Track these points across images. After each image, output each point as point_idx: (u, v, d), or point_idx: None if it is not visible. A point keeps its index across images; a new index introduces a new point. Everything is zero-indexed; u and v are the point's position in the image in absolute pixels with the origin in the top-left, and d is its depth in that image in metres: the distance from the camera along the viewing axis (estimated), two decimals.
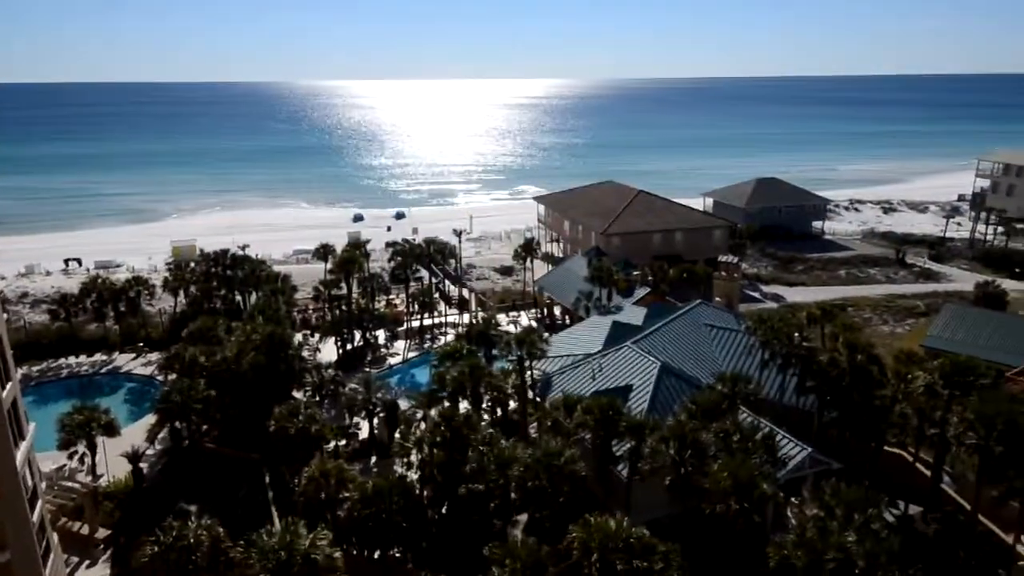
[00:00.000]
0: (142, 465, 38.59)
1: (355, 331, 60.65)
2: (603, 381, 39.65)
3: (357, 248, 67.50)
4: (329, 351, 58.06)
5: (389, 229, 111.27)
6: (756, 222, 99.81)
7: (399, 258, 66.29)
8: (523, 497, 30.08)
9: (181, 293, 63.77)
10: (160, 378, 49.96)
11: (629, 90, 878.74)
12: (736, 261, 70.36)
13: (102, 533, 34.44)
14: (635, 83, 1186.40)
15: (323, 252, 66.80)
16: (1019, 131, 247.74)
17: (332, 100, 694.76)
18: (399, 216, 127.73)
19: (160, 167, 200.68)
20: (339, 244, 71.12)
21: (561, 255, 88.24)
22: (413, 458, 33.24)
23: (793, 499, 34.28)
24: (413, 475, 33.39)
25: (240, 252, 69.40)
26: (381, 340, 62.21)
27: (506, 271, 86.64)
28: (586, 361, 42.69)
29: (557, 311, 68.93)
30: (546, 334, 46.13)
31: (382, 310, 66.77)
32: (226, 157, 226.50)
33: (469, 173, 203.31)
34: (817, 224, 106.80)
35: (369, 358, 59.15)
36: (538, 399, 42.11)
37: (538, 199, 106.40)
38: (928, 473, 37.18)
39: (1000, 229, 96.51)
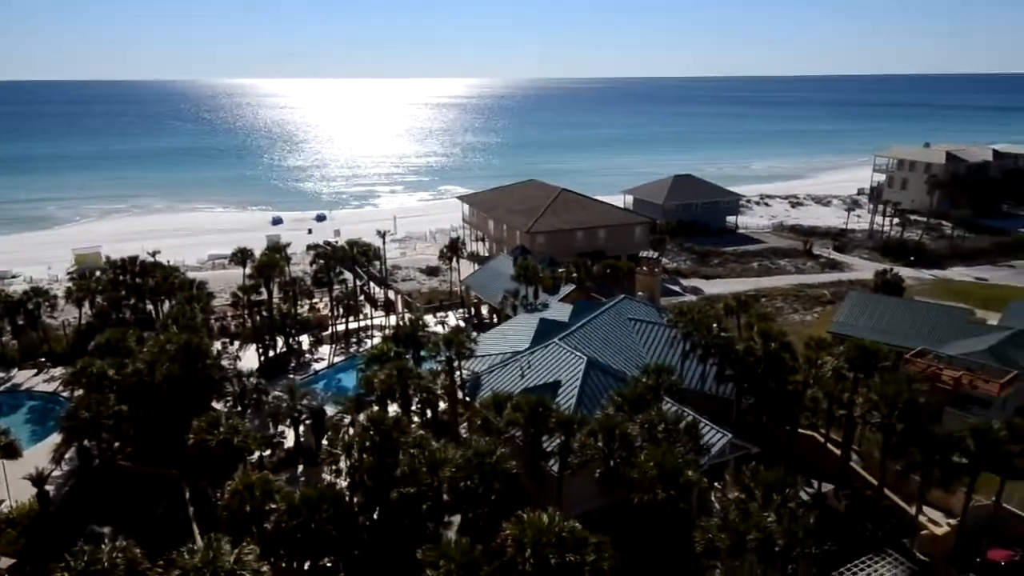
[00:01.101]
0: (48, 488, 36.29)
1: (277, 337, 58.91)
2: (532, 378, 40.03)
3: (277, 252, 65.60)
4: (250, 359, 56.17)
5: (310, 232, 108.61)
6: (674, 218, 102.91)
7: (321, 261, 64.83)
8: (455, 498, 29.99)
9: (86, 304, 60.21)
10: (65, 394, 47.07)
11: (549, 89, 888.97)
12: (656, 256, 72.33)
13: (5, 562, 32.26)
14: (555, 83, 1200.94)
15: (241, 256, 64.48)
16: (912, 129, 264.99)
17: (246, 99, 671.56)
18: (320, 218, 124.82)
19: (55, 170, 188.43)
20: (257, 248, 68.86)
21: (487, 254, 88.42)
22: (342, 464, 32.63)
23: (716, 484, 35.64)
24: (342, 482, 32.76)
25: (150, 259, 66.23)
26: (305, 345, 60.70)
27: (432, 271, 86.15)
28: (514, 359, 42.96)
29: (484, 310, 69.05)
30: (474, 333, 46.21)
31: (305, 315, 65.15)
32: (130, 159, 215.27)
33: (392, 174, 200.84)
34: (731, 219, 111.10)
35: (293, 364, 57.67)
36: (468, 399, 42.10)
37: (462, 199, 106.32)
38: (838, 452, 39.37)
39: (896, 220, 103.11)
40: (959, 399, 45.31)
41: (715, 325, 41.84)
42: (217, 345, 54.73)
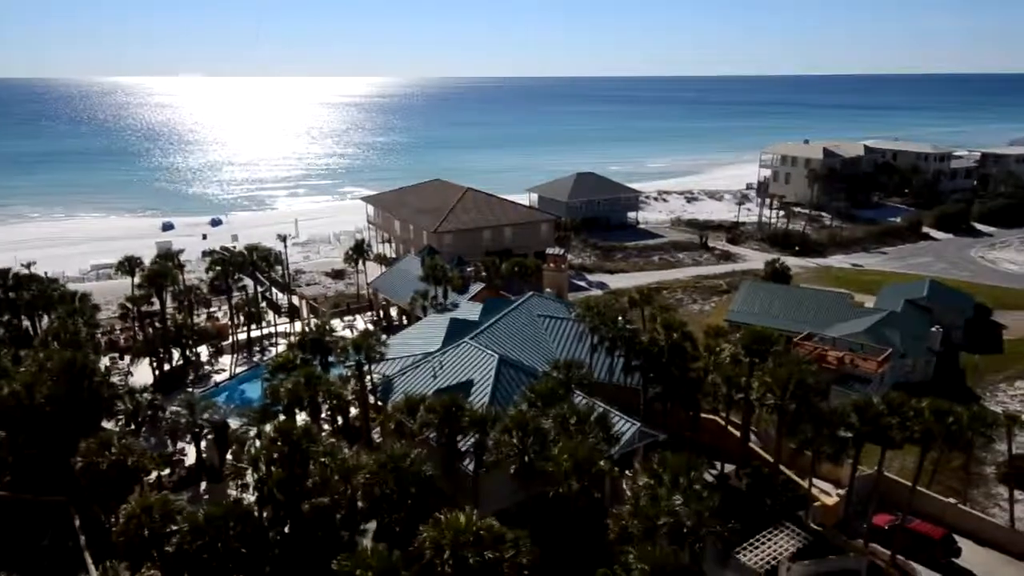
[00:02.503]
0: None
1: (173, 349, 55.87)
2: (444, 378, 39.89)
3: (169, 259, 62.08)
4: (144, 374, 53.00)
5: (205, 237, 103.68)
6: (578, 215, 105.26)
7: (218, 268, 61.90)
8: (371, 504, 29.50)
9: None
10: None
11: (451, 88, 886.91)
12: (563, 253, 73.86)
13: None
14: (457, 81, 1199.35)
15: (128, 265, 60.31)
16: (795, 126, 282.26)
17: (129, 98, 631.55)
18: (215, 223, 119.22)
19: None
20: (147, 256, 64.88)
21: (394, 255, 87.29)
22: (249, 479, 31.34)
23: (627, 472, 36.72)
24: (250, 497, 31.46)
25: (25, 270, 61.12)
26: (204, 357, 57.84)
27: (338, 275, 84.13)
28: (426, 360, 42.67)
29: (394, 312, 68.16)
30: (384, 336, 45.50)
31: (203, 324, 62.10)
32: None
33: (291, 176, 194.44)
34: (631, 215, 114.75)
35: (191, 377, 54.97)
36: (380, 403, 41.45)
37: (366, 200, 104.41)
38: (738, 433, 41.51)
39: (781, 213, 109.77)
40: (843, 378, 48.80)
41: (620, 318, 43.18)
42: (105, 361, 51.46)
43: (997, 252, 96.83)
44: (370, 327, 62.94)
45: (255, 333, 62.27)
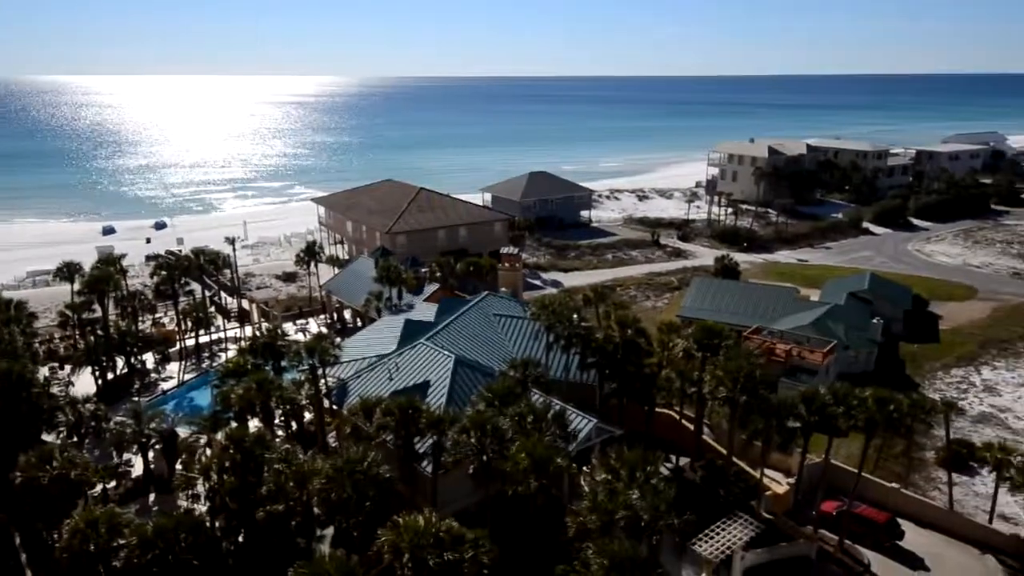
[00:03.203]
0: None
1: (117, 358, 54.01)
2: (400, 380, 39.59)
3: (111, 264, 59.85)
4: (86, 383, 51.04)
5: (149, 241, 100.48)
6: (531, 214, 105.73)
7: (163, 272, 60.06)
8: (327, 510, 29.08)
9: None
10: None
11: (402, 88, 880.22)
12: (517, 252, 74.07)
13: None
14: (406, 81, 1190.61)
15: (67, 271, 58.00)
16: (741, 125, 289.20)
17: (62, 97, 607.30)
18: (160, 226, 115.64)
19: None
20: (87, 261, 62.51)
21: (347, 257, 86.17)
22: (200, 488, 30.61)
23: (585, 468, 37.08)
24: (201, 507, 30.73)
25: None
26: (150, 364, 56.11)
27: (289, 277, 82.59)
28: (382, 362, 42.26)
29: (348, 314, 67.31)
30: (338, 339, 44.89)
31: (148, 331, 60.22)
32: None
33: (238, 177, 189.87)
34: (584, 213, 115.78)
35: (137, 386, 53.34)
36: (335, 407, 40.89)
37: (317, 201, 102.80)
38: (691, 427, 42.33)
39: (729, 210, 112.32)
40: (790, 370, 50.30)
41: (575, 316, 43.52)
42: (44, 371, 49.46)
43: (932, 245, 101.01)
44: (323, 330, 62.04)
45: (204, 339, 60.70)
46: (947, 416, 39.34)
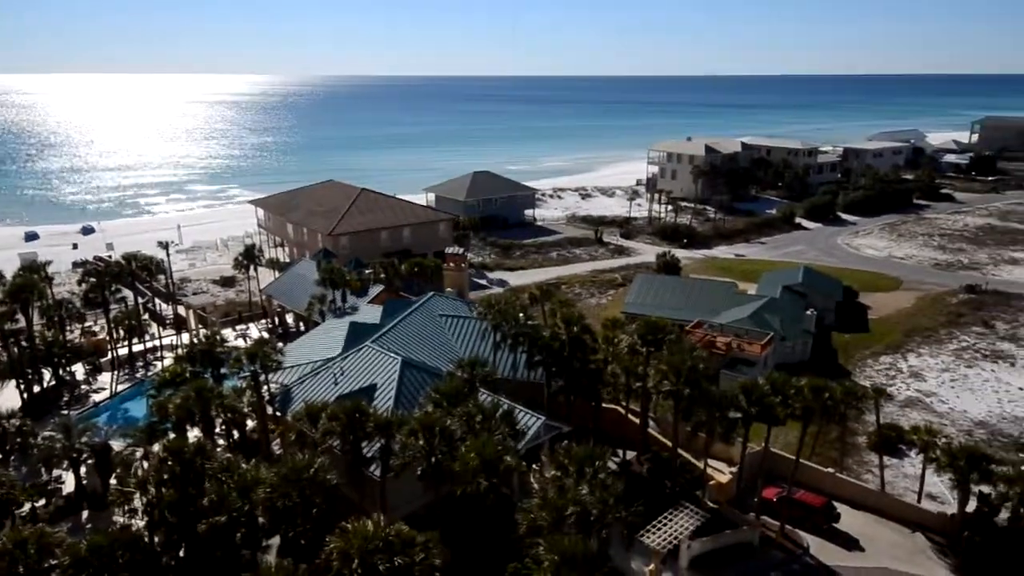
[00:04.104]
0: None
1: (43, 369, 51.49)
2: (346, 384, 38.99)
3: (35, 272, 57.04)
4: (10, 397, 48.48)
5: (76, 247, 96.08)
6: (476, 213, 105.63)
7: (92, 279, 57.61)
8: (273, 519, 28.40)
9: None
10: None
11: (341, 87, 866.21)
12: (462, 251, 73.88)
13: None
14: (344, 80, 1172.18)
15: None
16: (679, 124, 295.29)
17: None
18: (87, 231, 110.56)
19: None
20: (8, 269, 59.37)
21: (288, 260, 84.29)
22: (137, 503, 29.43)
23: (534, 466, 37.33)
24: (139, 522, 29.57)
25: None
26: (80, 375, 53.70)
27: (227, 282, 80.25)
28: (326, 367, 41.52)
29: (290, 318, 65.88)
30: (280, 344, 43.98)
31: (77, 341, 57.61)
32: None
33: (172, 179, 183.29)
34: (529, 212, 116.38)
35: (66, 398, 50.98)
36: (279, 413, 39.96)
37: (255, 203, 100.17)
38: (637, 421, 43.08)
39: (669, 207, 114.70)
40: (731, 362, 51.74)
41: (521, 315, 43.72)
42: None
43: (860, 239, 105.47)
44: (265, 335, 60.61)
45: (137, 347, 58.47)
46: (877, 402, 41.19)
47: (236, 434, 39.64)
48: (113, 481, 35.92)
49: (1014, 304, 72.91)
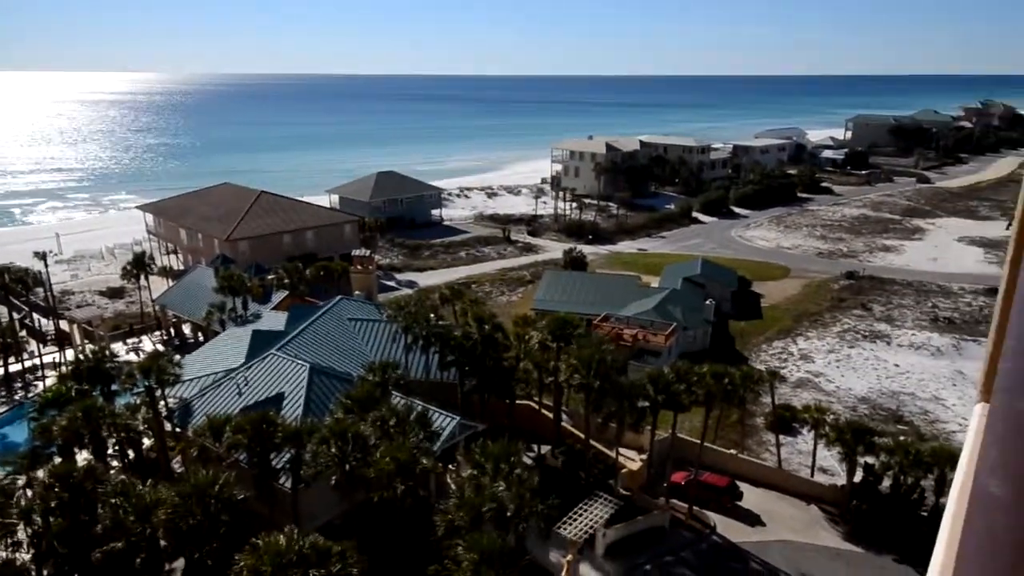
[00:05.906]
0: None
1: None
2: (251, 395, 37.49)
3: None
4: None
5: None
6: (381, 214, 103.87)
7: None
8: (177, 541, 26.97)
9: None
10: None
11: (227, 86, 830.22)
12: (369, 253, 72.65)
13: None
14: (232, 78, 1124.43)
15: None
16: (580, 123, 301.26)
17: None
18: None
19: None
20: None
21: (182, 267, 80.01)
22: (21, 535, 27.13)
23: (451, 466, 37.22)
24: (25, 555, 27.29)
25: None
26: None
27: (116, 293, 75.25)
28: (229, 377, 39.77)
29: (187, 329, 62.63)
30: (177, 356, 41.71)
31: None
32: None
33: (48, 184, 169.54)
34: (436, 212, 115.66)
35: None
36: (179, 429, 37.90)
37: (144, 208, 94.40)
38: (551, 415, 43.78)
39: (574, 204, 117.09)
40: (637, 352, 53.46)
41: (432, 315, 43.47)
42: None
43: (751, 231, 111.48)
44: (160, 348, 57.33)
45: (14, 367, 53.89)
46: (772, 384, 43.71)
47: (132, 454, 37.35)
48: None
49: (888, 288, 79.23)
